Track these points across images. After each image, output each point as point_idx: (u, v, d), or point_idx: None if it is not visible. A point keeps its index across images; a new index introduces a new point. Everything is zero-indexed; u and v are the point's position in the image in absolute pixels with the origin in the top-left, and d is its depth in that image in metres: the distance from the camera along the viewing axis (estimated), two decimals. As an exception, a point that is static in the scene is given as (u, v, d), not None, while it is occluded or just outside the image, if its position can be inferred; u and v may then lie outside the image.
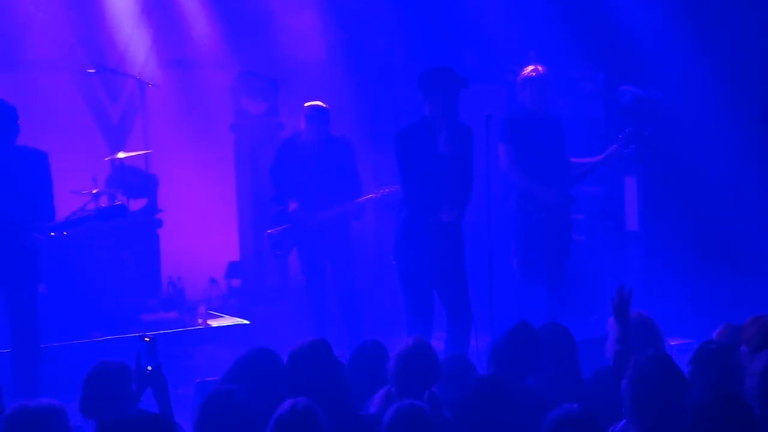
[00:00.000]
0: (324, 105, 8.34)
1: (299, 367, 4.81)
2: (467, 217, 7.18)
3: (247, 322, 8.40)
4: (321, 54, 9.70)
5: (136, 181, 8.68)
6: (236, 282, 9.56)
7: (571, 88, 9.56)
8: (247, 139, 9.57)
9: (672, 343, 6.05)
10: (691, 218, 9.13)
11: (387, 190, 8.29)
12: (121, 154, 8.59)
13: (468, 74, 7.26)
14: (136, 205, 8.76)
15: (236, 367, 4.88)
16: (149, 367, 4.70)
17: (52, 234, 7.05)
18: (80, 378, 4.75)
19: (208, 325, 8.33)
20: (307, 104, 8.33)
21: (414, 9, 9.73)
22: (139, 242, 8.50)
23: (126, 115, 9.76)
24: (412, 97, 7.14)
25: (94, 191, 8.09)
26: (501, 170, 7.70)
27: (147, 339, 4.76)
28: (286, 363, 4.87)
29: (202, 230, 9.53)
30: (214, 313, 8.60)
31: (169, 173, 9.17)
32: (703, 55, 8.91)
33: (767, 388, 4.08)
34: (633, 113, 9.15)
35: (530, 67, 7.82)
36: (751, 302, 7.53)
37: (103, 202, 8.10)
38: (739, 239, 8.92)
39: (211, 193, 9.35)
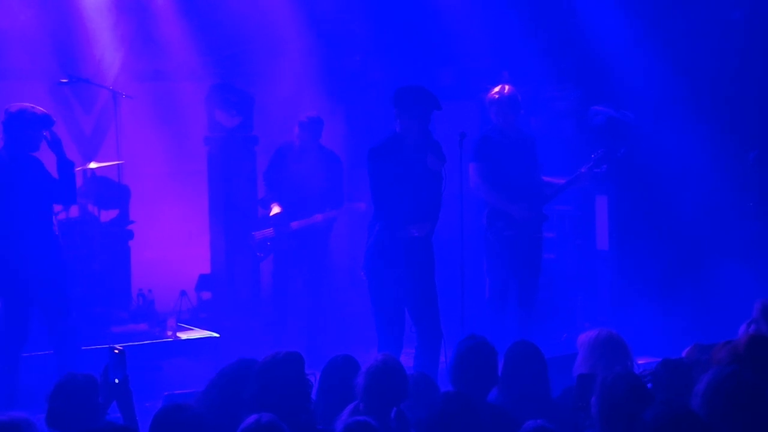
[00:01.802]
0: (320, 117, 8.58)
1: (268, 379, 4.78)
2: (439, 234, 7.21)
3: (217, 335, 8.36)
4: (296, 68, 9.70)
5: (108, 191, 8.65)
6: (207, 295, 9.53)
7: (544, 108, 9.62)
8: (221, 152, 9.55)
9: (640, 362, 6.08)
10: (661, 238, 9.19)
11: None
12: (93, 165, 8.55)
13: (443, 91, 7.30)
14: (108, 216, 8.72)
15: (217, 379, 4.87)
16: (116, 380, 4.67)
17: None
18: (48, 389, 4.71)
19: (178, 337, 8.28)
20: (304, 115, 8.67)
21: (391, 26, 9.76)
22: (110, 253, 8.46)
23: (99, 126, 9.72)
24: (387, 113, 7.17)
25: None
26: (471, 188, 7.74)
27: (116, 351, 4.73)
28: (256, 373, 4.84)
29: (173, 242, 9.49)
30: (184, 325, 8.56)
31: (141, 185, 9.14)
32: (676, 77, 8.99)
33: (710, 407, 4.14)
34: (605, 133, 9.22)
35: (497, 88, 7.90)
36: (719, 322, 7.58)
37: (74, 213, 8.05)
38: (708, 259, 8.99)
39: (183, 206, 9.32)
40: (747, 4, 8.99)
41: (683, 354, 5.31)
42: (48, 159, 7.19)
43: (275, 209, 8.70)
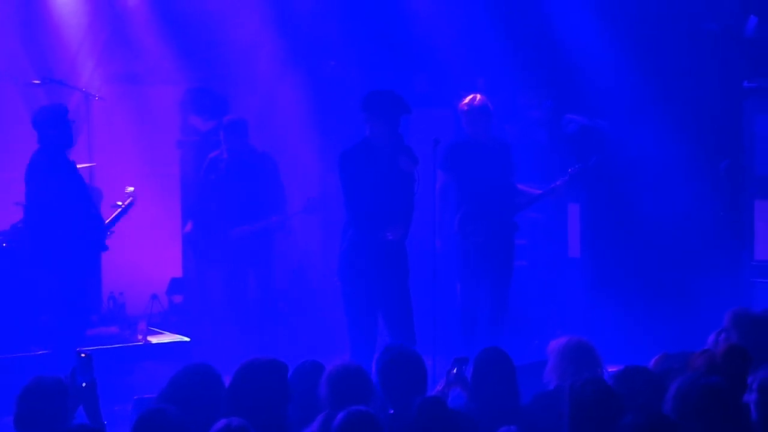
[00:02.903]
0: (242, 118, 8.48)
1: (247, 383, 4.75)
2: (412, 240, 7.22)
3: (187, 339, 8.34)
4: (271, 73, 9.70)
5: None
6: (178, 298, 9.49)
7: (518, 116, 9.66)
8: (193, 156, 9.52)
9: (610, 370, 6.11)
10: (632, 246, 9.24)
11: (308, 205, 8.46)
12: (64, 167, 8.49)
13: (417, 98, 7.32)
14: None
15: (173, 384, 4.82)
16: (83, 383, 4.64)
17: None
18: (15, 392, 4.68)
19: (148, 341, 8.25)
20: (225, 118, 8.52)
21: (366, 32, 9.77)
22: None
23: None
24: (361, 118, 7.19)
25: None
26: (438, 195, 7.78)
27: (83, 355, 4.71)
28: (234, 376, 4.81)
29: (145, 246, 9.44)
30: (155, 329, 8.52)
31: (114, 187, 9.09)
32: (649, 86, 9.06)
33: (680, 413, 4.16)
34: (578, 141, 9.26)
35: (468, 98, 7.92)
36: (689, 330, 7.63)
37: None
38: (679, 267, 9.05)
39: (155, 209, 9.27)
40: (721, 15, 9.07)
41: (651, 363, 5.34)
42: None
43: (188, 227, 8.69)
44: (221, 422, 4.14)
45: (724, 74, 9.05)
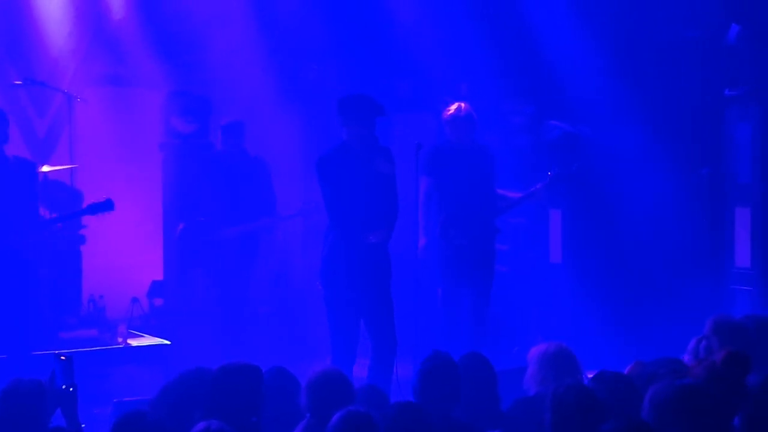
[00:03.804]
0: (241, 120, 8.51)
1: (221, 388, 4.74)
2: (395, 245, 7.22)
3: (168, 342, 8.30)
4: (254, 76, 9.68)
5: (60, 195, 8.56)
6: (159, 301, 9.45)
7: (500, 122, 9.67)
8: (176, 159, 9.49)
9: (590, 376, 6.11)
10: (614, 252, 9.26)
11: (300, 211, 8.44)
12: (45, 168, 8.46)
13: (400, 103, 7.33)
14: (59, 220, 8.61)
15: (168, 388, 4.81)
16: (65, 387, 4.62)
17: None
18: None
19: (128, 344, 8.21)
20: (225, 119, 8.56)
21: (349, 37, 9.77)
22: (61, 258, 8.37)
23: (52, 129, 9.61)
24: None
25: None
26: (420, 201, 7.78)
27: (63, 358, 4.68)
28: (212, 380, 4.80)
29: (126, 248, 9.41)
30: (135, 332, 8.49)
31: (95, 189, 9.04)
32: (631, 93, 9.08)
33: (657, 417, 4.17)
34: (560, 148, 9.28)
35: (454, 106, 7.94)
36: (671, 336, 7.65)
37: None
38: (660, 274, 9.07)
39: (137, 211, 9.24)
40: (702, 23, 9.11)
41: (625, 371, 5.35)
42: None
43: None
44: (200, 425, 4.13)
45: (706, 82, 9.09)
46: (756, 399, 4.47)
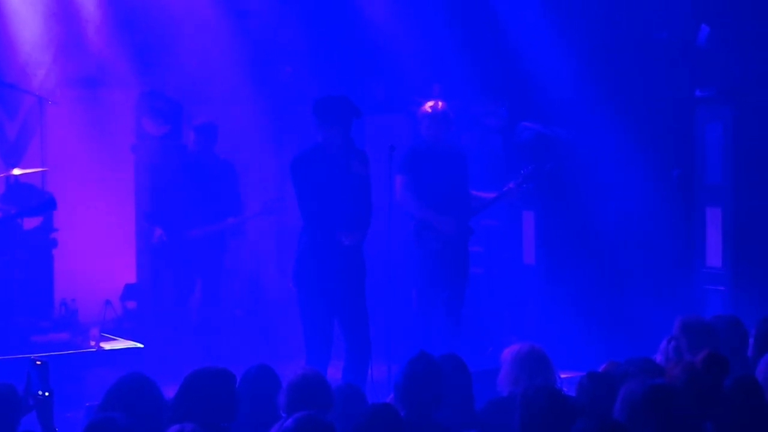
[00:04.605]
0: (213, 123, 8.50)
1: (193, 393, 4.74)
2: (368, 246, 7.24)
3: (141, 345, 8.28)
4: (227, 78, 9.67)
5: (31, 199, 8.52)
6: (132, 304, 9.42)
7: (473, 123, 9.71)
8: (148, 161, 9.47)
9: (563, 376, 6.16)
10: (586, 253, 9.32)
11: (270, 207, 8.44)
12: (16, 171, 8.42)
13: (373, 104, 7.34)
14: (31, 223, 8.58)
15: (112, 393, 4.78)
16: (46, 393, 4.60)
17: None
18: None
19: (101, 347, 8.19)
20: (199, 120, 8.57)
21: (322, 38, 9.78)
22: (32, 262, 8.33)
23: (23, 132, 9.55)
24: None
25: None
26: (396, 201, 7.79)
27: (38, 363, 4.67)
28: (181, 386, 4.79)
29: (98, 251, 9.37)
30: (108, 335, 8.46)
31: (66, 192, 9.01)
32: (602, 94, 9.14)
33: (627, 413, 4.20)
34: (533, 149, 9.33)
35: (430, 103, 7.97)
36: (642, 337, 7.71)
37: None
38: (632, 274, 9.13)
39: (109, 214, 9.21)
40: (673, 25, 9.18)
41: (600, 370, 5.39)
42: None
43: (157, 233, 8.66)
44: (174, 428, 4.12)
45: (676, 83, 9.16)
46: (727, 401, 4.51)
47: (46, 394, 4.62)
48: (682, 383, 4.62)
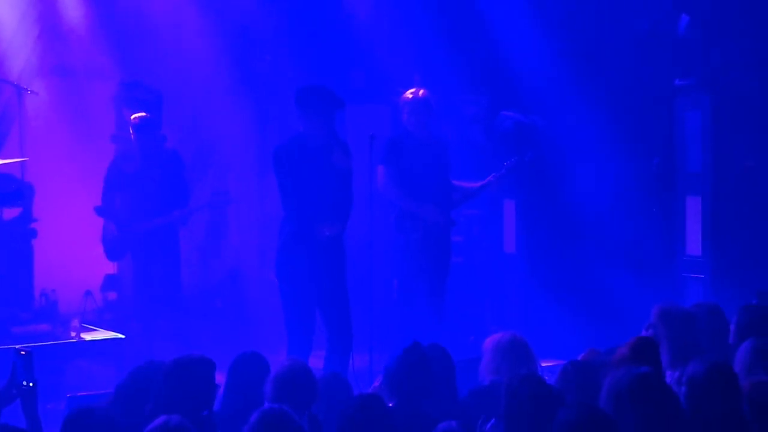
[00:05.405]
0: (148, 115, 8.40)
1: (177, 380, 4.75)
2: (349, 236, 7.25)
3: (121, 336, 8.27)
4: (206, 67, 9.65)
5: (11, 189, 8.48)
6: (112, 295, 9.40)
7: (454, 112, 9.73)
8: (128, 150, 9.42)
9: (544, 365, 6.20)
10: (567, 241, 9.37)
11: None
12: (-5, 162, 8.39)
13: (353, 93, 7.34)
14: (10, 214, 8.55)
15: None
16: (31, 383, 4.61)
17: None
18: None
19: (82, 338, 8.17)
20: (134, 116, 8.40)
21: (302, 27, 9.77)
22: (12, 252, 8.30)
23: (2, 122, 9.50)
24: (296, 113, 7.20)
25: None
26: (378, 191, 7.80)
27: (23, 353, 4.67)
28: (164, 373, 4.80)
29: (78, 242, 9.34)
30: (89, 326, 8.44)
31: (46, 182, 8.98)
32: (581, 83, 9.18)
33: (612, 402, 4.26)
34: (513, 138, 9.36)
35: (412, 90, 7.97)
36: (622, 324, 7.77)
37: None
38: (612, 263, 9.19)
39: (90, 204, 9.16)
40: (653, 14, 9.22)
41: (579, 358, 5.44)
42: None
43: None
44: (160, 419, 4.13)
45: (656, 72, 9.21)
46: (701, 387, 4.55)
47: (31, 384, 4.61)
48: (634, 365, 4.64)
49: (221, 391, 5.11)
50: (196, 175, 9.42)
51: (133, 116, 8.45)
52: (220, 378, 4.99)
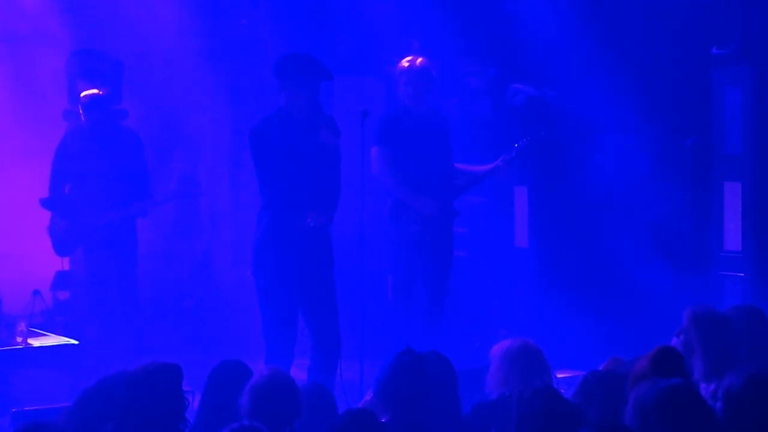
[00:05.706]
0: (100, 92, 8.37)
1: (139, 392, 4.77)
2: (337, 228, 7.26)
3: (75, 341, 8.29)
4: (173, 33, 9.64)
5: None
6: (64, 295, 9.41)
7: (457, 85, 9.73)
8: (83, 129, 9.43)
9: (560, 376, 6.22)
10: (586, 234, 9.38)
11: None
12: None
13: (342, 64, 7.34)
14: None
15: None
16: None
17: None
18: None
19: (29, 344, 8.19)
20: (84, 93, 8.37)
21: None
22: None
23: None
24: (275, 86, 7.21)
25: None
26: (373, 175, 7.81)
27: None
28: (128, 383, 4.82)
29: (25, 234, 9.35)
30: (37, 330, 8.46)
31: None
32: (604, 52, 9.17)
33: (639, 419, 4.27)
34: (525, 115, 9.37)
35: (409, 58, 7.98)
36: (646, 329, 7.79)
37: None
38: (639, 259, 9.18)
39: (39, 190, 9.17)
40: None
41: (601, 368, 5.46)
42: None
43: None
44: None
45: (690, 39, 9.20)
46: (739, 401, 4.56)
47: None
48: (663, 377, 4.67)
49: (196, 403, 5.13)
50: (161, 159, 9.43)
51: (82, 93, 8.41)
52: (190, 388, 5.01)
